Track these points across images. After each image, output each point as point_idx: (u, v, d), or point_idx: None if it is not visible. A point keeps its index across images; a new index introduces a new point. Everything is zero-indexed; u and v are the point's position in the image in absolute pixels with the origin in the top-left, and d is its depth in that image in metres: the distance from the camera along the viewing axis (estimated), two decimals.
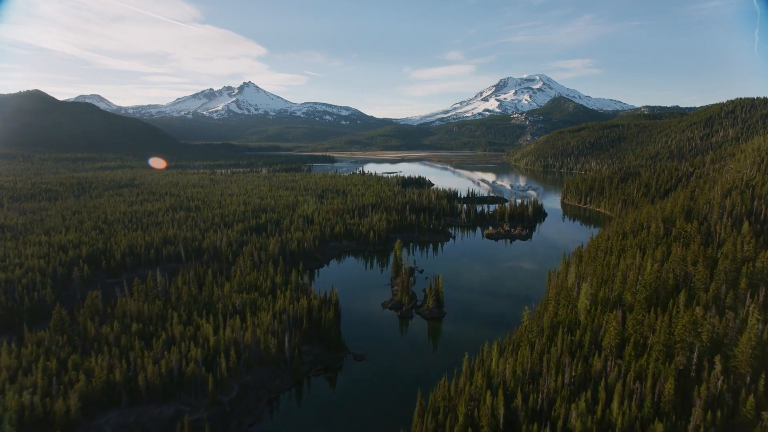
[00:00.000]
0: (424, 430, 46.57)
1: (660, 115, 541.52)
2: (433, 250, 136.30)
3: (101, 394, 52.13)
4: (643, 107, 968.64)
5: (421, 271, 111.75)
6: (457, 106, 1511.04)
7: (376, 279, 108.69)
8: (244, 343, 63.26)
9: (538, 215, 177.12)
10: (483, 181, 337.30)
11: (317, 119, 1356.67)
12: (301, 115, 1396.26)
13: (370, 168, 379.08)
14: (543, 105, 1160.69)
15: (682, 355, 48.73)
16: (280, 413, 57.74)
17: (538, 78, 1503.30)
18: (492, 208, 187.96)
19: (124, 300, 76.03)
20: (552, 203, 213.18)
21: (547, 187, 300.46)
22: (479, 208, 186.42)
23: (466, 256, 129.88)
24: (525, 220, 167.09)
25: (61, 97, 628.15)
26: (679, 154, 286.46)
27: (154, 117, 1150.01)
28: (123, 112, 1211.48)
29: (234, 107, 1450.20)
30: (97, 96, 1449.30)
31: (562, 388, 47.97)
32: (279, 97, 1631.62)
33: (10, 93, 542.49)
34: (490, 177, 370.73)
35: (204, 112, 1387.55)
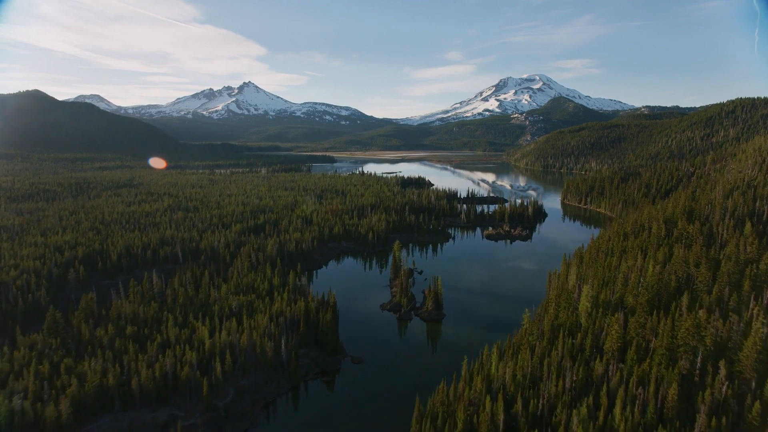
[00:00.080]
0: None
1: (660, 115, 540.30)
2: (433, 250, 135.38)
3: (94, 399, 51.21)
4: (643, 107, 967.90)
5: (420, 272, 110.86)
6: (457, 106, 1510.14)
7: (375, 280, 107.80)
8: (240, 346, 62.33)
9: (538, 216, 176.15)
10: (483, 181, 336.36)
11: (317, 119, 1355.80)
12: (301, 115, 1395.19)
13: (369, 168, 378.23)
14: (543, 105, 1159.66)
15: (685, 360, 47.81)
16: (277, 418, 56.83)
17: (538, 78, 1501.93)
18: (492, 208, 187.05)
19: (120, 302, 75.03)
20: (552, 203, 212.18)
21: (547, 187, 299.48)
22: (479, 209, 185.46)
23: (465, 256, 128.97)
24: (525, 221, 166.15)
25: (60, 97, 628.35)
26: (680, 154, 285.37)
27: (154, 117, 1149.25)
28: (123, 112, 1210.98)
29: (234, 107, 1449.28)
30: (97, 96, 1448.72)
31: (563, 393, 47.07)
32: (279, 97, 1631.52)
33: (9, 93, 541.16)
34: (490, 177, 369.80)
35: (204, 112, 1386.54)
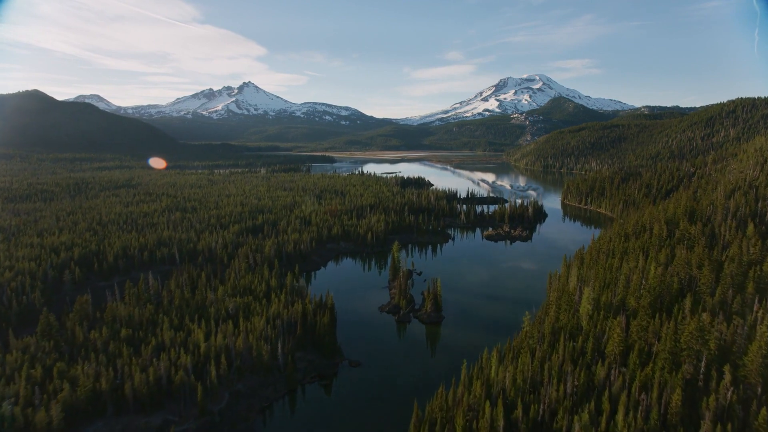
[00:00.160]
0: None
1: (660, 115, 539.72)
2: (432, 251, 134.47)
3: (86, 404, 50.28)
4: (643, 107, 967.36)
5: (419, 274, 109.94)
6: (457, 106, 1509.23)
7: (374, 281, 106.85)
8: (236, 349, 61.40)
9: (539, 216, 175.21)
10: (483, 181, 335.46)
11: (317, 119, 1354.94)
12: (301, 115, 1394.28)
13: (369, 168, 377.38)
14: (543, 105, 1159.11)
15: (689, 364, 46.87)
16: (273, 422, 55.91)
17: (538, 78, 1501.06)
18: (492, 208, 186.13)
19: (115, 304, 74.06)
20: (552, 204, 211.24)
21: (547, 187, 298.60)
22: (479, 209, 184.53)
23: (465, 257, 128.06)
24: (525, 221, 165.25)
25: (60, 97, 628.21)
26: (680, 154, 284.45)
27: (154, 117, 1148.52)
28: (123, 112, 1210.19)
29: (233, 107, 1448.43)
30: (97, 96, 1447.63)
31: (564, 398, 46.15)
32: (279, 97, 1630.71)
33: (9, 93, 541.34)
34: (490, 177, 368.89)
35: (203, 112, 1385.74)
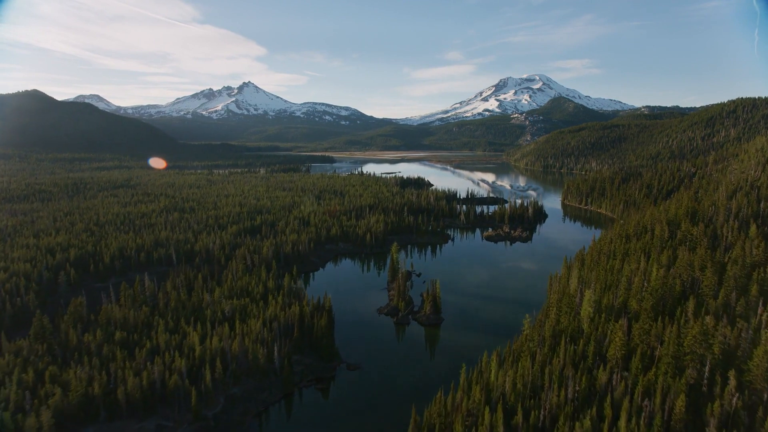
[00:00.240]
0: None
1: (660, 115, 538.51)
2: (432, 252, 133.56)
3: (78, 409, 49.37)
4: (643, 107, 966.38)
5: (418, 275, 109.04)
6: (457, 106, 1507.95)
7: (373, 283, 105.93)
8: (231, 352, 60.46)
9: (539, 216, 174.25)
10: (483, 181, 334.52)
11: (317, 119, 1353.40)
12: (301, 115, 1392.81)
13: (369, 168, 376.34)
14: (543, 105, 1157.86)
15: (692, 369, 45.96)
16: (269, 427, 55.06)
17: (538, 78, 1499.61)
18: (492, 209, 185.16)
19: (110, 306, 73.16)
20: (552, 204, 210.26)
21: (547, 187, 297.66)
22: (479, 209, 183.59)
23: (464, 258, 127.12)
24: (525, 222, 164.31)
25: (60, 97, 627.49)
26: (680, 154, 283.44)
27: (154, 117, 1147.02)
28: (122, 112, 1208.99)
29: (233, 107, 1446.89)
30: (97, 96, 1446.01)
31: (566, 403, 45.23)
32: (278, 97, 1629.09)
33: (8, 93, 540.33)
34: (490, 177, 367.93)
35: (203, 112, 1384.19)
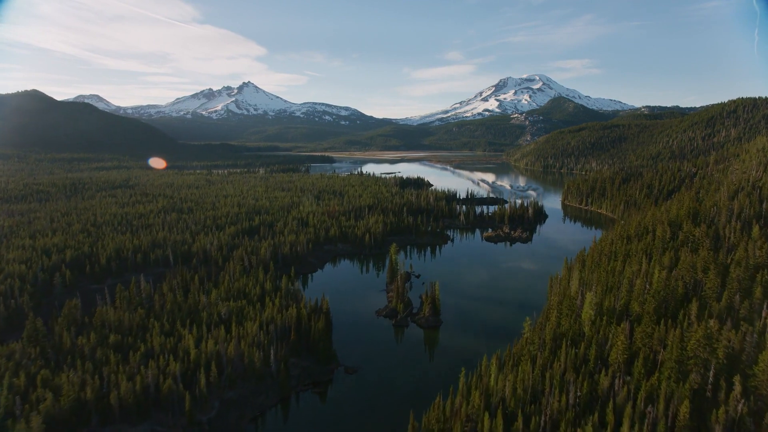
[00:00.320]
0: None
1: (660, 115, 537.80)
2: (431, 253, 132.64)
3: (69, 414, 48.43)
4: (643, 107, 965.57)
5: (418, 276, 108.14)
6: (457, 106, 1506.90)
7: (372, 284, 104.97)
8: (227, 356, 59.55)
9: (539, 217, 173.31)
10: (483, 181, 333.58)
11: (317, 119, 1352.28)
12: (301, 116, 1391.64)
13: (369, 168, 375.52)
14: (543, 105, 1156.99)
15: (696, 373, 45.05)
16: (265, 431, 54.15)
17: (538, 78, 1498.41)
18: (491, 209, 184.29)
19: (105, 308, 72.22)
20: (552, 204, 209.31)
21: (547, 187, 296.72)
22: (478, 210, 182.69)
23: (464, 259, 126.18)
24: (525, 222, 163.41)
25: (60, 97, 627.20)
26: (681, 154, 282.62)
27: (153, 117, 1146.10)
28: (122, 112, 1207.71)
29: (233, 107, 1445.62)
30: (96, 96, 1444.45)
31: (567, 409, 44.33)
32: (278, 97, 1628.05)
33: (8, 93, 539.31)
34: (490, 177, 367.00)
35: (203, 112, 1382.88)
